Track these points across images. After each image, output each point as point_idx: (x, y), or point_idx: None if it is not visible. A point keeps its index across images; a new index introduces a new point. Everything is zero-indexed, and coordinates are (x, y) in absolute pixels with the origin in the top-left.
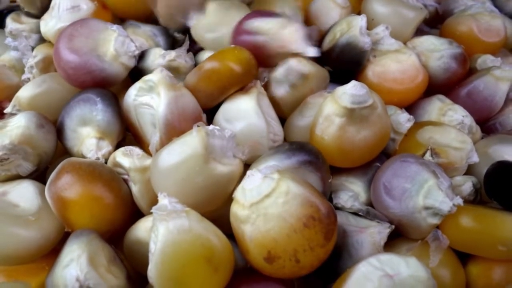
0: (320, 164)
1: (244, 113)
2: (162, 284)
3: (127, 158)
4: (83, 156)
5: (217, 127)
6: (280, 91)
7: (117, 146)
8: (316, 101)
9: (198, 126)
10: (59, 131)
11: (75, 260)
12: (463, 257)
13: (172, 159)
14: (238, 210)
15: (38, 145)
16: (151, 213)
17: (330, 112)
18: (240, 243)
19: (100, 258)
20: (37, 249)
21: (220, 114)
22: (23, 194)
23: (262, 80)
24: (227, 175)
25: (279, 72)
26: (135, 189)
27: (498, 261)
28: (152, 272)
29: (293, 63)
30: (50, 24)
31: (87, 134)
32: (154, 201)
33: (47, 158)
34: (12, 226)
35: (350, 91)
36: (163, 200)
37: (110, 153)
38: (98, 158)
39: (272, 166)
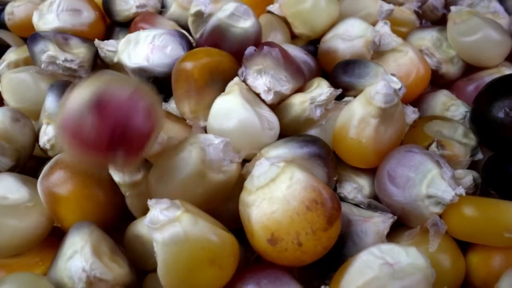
0: (329, 161)
1: (232, 112)
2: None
3: (117, 172)
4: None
5: (211, 138)
6: (317, 112)
7: None
8: (335, 114)
9: (192, 143)
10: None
11: (79, 252)
12: (462, 248)
13: (171, 179)
14: (246, 196)
15: (15, 140)
16: None
17: (365, 114)
18: (245, 228)
19: (103, 248)
20: (34, 236)
21: (211, 121)
22: (7, 186)
23: (241, 75)
24: (226, 181)
25: (322, 96)
26: (127, 200)
27: (497, 248)
28: (160, 278)
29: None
30: (47, 17)
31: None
32: (147, 210)
33: (26, 153)
34: (8, 216)
35: (383, 90)
36: (154, 210)
37: (56, 137)
38: (45, 143)
39: (279, 156)
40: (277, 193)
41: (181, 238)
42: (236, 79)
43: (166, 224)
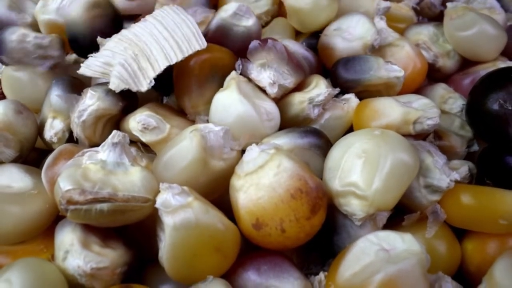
0: (328, 151)
1: (230, 107)
2: (174, 271)
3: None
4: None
5: (210, 126)
6: (315, 111)
7: None
8: (333, 112)
9: (192, 131)
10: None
11: (69, 251)
12: (458, 235)
13: (174, 167)
14: (235, 180)
15: (18, 131)
16: None
17: None
18: (234, 211)
19: (91, 238)
20: (38, 223)
21: (212, 117)
22: (10, 176)
23: (238, 68)
24: (227, 169)
25: (320, 97)
26: None
27: (492, 235)
28: (164, 260)
29: (330, 90)
30: (48, 8)
31: (47, 116)
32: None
33: (29, 145)
34: (13, 204)
35: None
36: (166, 193)
37: (63, 131)
38: (52, 137)
39: (271, 144)
40: (264, 180)
41: (192, 224)
42: (233, 73)
43: (178, 209)
